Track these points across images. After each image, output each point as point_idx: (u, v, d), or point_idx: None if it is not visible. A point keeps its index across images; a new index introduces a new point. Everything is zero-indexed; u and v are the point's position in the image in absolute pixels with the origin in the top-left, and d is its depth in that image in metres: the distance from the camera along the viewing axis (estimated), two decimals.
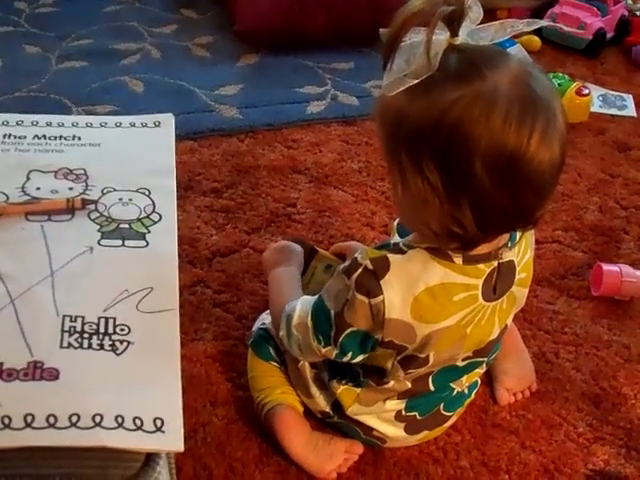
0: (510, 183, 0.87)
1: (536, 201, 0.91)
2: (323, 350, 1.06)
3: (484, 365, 1.19)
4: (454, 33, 0.88)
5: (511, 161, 0.85)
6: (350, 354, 1.06)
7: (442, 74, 0.86)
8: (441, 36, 0.87)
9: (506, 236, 1.01)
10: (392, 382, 1.10)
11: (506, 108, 0.84)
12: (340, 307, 1.01)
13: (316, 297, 1.07)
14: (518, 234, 1.04)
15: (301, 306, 1.09)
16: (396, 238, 1.11)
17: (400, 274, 0.97)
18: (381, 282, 0.97)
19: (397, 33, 0.87)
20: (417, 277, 0.98)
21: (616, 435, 1.29)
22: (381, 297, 0.97)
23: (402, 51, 0.88)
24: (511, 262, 1.04)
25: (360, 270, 0.98)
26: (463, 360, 1.12)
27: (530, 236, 1.11)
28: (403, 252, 0.99)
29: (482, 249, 0.98)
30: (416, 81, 0.86)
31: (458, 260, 0.98)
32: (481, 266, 1.00)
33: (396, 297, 0.98)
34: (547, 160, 0.87)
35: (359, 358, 1.07)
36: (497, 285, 1.03)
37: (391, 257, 0.98)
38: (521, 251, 1.06)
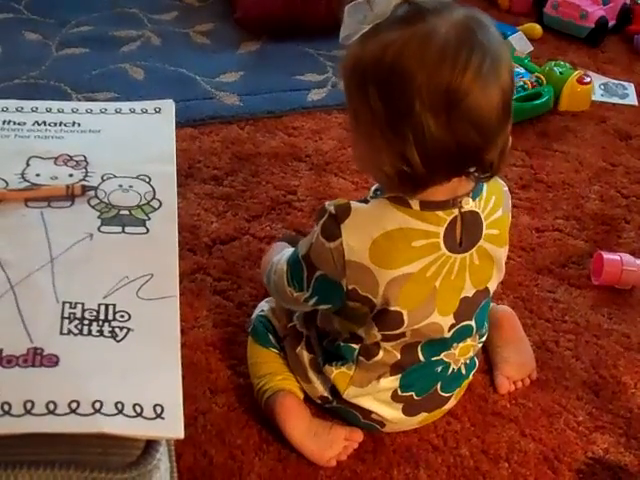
0: (449, 118, 0.91)
1: (480, 141, 0.94)
2: (295, 294, 1.14)
3: (476, 336, 1.18)
4: None
5: (447, 95, 0.90)
6: (316, 298, 1.11)
7: (390, 20, 0.94)
8: None
9: (467, 186, 1.03)
10: (381, 353, 1.12)
11: (441, 45, 0.90)
12: (307, 249, 1.08)
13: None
14: (484, 186, 1.06)
15: (283, 255, 1.17)
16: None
17: (359, 219, 1.03)
18: (341, 226, 1.02)
19: None
20: (375, 221, 1.02)
21: (616, 424, 1.29)
22: (339, 240, 1.02)
23: (359, 7, 0.95)
24: (475, 213, 1.05)
25: (326, 216, 1.04)
26: (449, 330, 1.11)
27: (503, 195, 1.12)
28: (367, 202, 1.05)
29: (438, 195, 1.01)
30: (367, 27, 0.94)
31: (415, 206, 1.01)
32: (440, 213, 1.02)
33: (354, 240, 1.02)
34: (483, 98, 0.91)
35: (325, 306, 1.13)
36: (463, 237, 1.05)
37: (354, 205, 1.04)
38: (489, 206, 1.07)
